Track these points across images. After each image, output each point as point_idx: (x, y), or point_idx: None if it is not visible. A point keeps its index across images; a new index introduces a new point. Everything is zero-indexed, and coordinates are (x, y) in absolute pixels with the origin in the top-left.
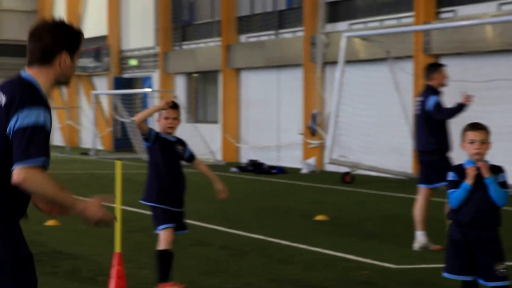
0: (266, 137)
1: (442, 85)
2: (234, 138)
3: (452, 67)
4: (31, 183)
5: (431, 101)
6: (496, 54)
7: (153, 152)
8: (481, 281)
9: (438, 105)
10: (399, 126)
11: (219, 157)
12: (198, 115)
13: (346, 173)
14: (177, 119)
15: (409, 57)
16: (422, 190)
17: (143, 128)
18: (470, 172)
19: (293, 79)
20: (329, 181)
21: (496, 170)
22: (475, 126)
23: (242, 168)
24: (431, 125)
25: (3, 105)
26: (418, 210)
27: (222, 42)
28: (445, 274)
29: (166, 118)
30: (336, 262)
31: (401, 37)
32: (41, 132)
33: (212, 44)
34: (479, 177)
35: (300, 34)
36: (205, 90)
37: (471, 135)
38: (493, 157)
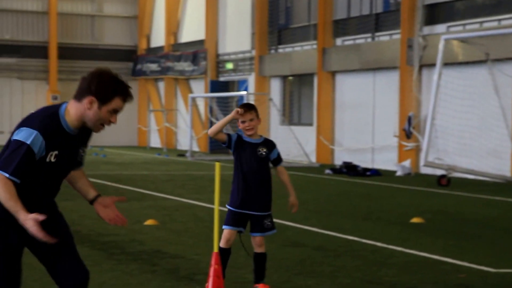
0: (360, 140)
1: None
2: (328, 140)
3: None
4: None
5: None
6: None
7: (236, 156)
8: None
9: None
10: (498, 129)
11: (313, 159)
12: (293, 117)
13: (442, 176)
14: (253, 120)
15: (509, 59)
16: None
17: (220, 138)
18: None
19: (389, 81)
20: (424, 184)
21: None
22: None
23: (336, 170)
24: None
25: (23, 119)
26: None
27: (318, 45)
28: None
29: (243, 122)
30: (432, 264)
31: (501, 39)
32: (22, 149)
33: (308, 47)
34: None
35: (397, 36)
36: (300, 93)
37: None
38: None
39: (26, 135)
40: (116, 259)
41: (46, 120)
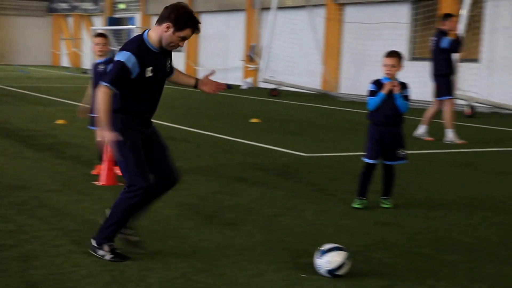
0: (217, 62)
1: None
2: (194, 63)
3: (354, 13)
4: (97, 94)
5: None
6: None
7: None
8: (387, 162)
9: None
10: (313, 56)
11: None
12: None
13: (274, 89)
14: (106, 45)
15: (322, 5)
16: None
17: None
18: (388, 86)
19: (238, 20)
20: (261, 95)
21: (403, 86)
22: (388, 54)
23: None
24: None
25: (121, 46)
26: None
27: None
28: (363, 159)
29: (97, 44)
30: (265, 151)
31: None
32: (118, 66)
33: None
34: (390, 90)
35: None
36: None
37: (385, 60)
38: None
39: (122, 56)
40: (34, 149)
41: (135, 44)
